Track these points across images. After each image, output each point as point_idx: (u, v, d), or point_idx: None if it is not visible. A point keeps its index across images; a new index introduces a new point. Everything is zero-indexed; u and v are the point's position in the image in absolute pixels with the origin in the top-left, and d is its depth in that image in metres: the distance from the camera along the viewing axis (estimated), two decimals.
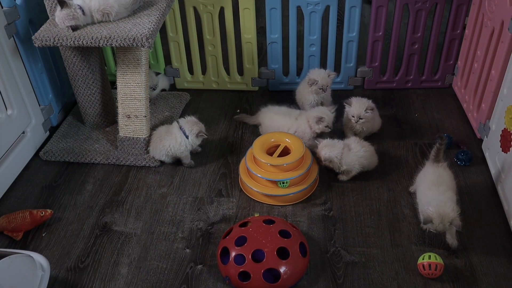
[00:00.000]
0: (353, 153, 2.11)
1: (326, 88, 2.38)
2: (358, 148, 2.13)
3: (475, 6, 2.42)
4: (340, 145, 2.12)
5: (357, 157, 2.12)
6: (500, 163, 2.07)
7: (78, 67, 2.30)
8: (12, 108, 2.23)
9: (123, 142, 2.31)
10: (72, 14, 2.01)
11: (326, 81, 2.37)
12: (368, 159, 2.15)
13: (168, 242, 1.96)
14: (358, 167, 2.13)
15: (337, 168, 2.13)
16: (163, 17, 2.19)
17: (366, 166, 2.16)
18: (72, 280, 1.83)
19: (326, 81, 2.37)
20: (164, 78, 2.74)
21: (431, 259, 1.76)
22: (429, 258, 1.76)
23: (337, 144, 2.13)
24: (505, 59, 2.07)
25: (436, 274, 1.75)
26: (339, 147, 2.12)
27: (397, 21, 2.52)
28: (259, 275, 1.68)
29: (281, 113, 2.37)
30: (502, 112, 2.06)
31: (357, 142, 2.16)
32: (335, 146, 2.12)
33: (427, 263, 1.75)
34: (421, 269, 1.77)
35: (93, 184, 2.23)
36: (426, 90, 2.74)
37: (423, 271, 1.76)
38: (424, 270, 1.76)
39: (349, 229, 1.97)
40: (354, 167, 2.13)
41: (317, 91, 2.38)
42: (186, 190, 2.18)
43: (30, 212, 1.97)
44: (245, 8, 2.51)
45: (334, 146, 2.12)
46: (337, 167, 2.13)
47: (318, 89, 2.37)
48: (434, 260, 1.75)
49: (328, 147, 2.11)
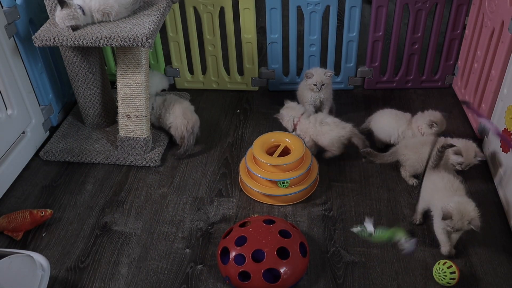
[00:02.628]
0: (330, 131, 2.21)
1: (320, 86, 2.36)
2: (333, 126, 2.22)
3: (475, 6, 2.42)
4: (300, 110, 2.31)
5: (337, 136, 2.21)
6: (500, 163, 2.07)
7: (78, 67, 2.30)
8: (12, 108, 2.23)
9: (123, 142, 2.31)
10: (72, 14, 2.01)
11: (321, 78, 2.36)
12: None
13: (168, 242, 1.96)
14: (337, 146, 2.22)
15: (290, 130, 2.30)
16: (163, 17, 2.19)
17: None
18: (72, 280, 1.83)
19: (321, 78, 2.35)
20: (164, 78, 2.74)
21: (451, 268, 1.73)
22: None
23: (297, 107, 2.32)
24: (505, 59, 2.07)
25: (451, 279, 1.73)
26: (298, 110, 2.30)
27: (397, 21, 2.52)
28: (259, 275, 1.68)
29: (393, 115, 2.31)
30: (502, 112, 2.06)
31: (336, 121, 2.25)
32: (295, 109, 2.31)
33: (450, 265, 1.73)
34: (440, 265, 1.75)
35: (93, 184, 2.23)
36: (426, 90, 2.74)
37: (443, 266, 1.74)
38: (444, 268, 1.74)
39: (349, 229, 1.97)
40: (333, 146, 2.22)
41: (311, 87, 2.37)
42: (186, 190, 2.18)
43: (30, 212, 1.97)
44: (245, 8, 2.51)
45: (294, 109, 2.31)
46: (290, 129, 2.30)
47: (313, 85, 2.36)
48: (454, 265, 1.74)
49: (288, 108, 2.31)
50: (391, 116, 2.29)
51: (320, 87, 2.36)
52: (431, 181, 1.89)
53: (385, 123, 2.29)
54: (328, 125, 2.23)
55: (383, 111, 2.33)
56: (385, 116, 2.30)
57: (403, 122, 2.25)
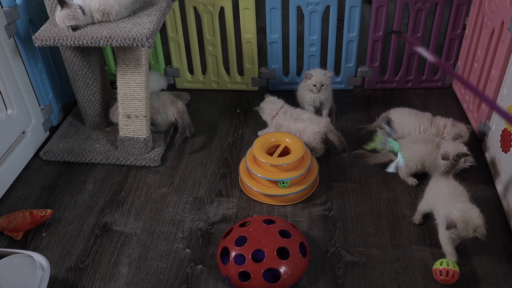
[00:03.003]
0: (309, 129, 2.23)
1: (320, 86, 2.36)
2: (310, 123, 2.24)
3: (475, 6, 2.42)
4: (279, 104, 2.34)
5: (313, 132, 2.21)
6: (500, 163, 2.07)
7: (78, 67, 2.30)
8: (12, 108, 2.23)
9: (123, 142, 2.31)
10: (72, 14, 2.01)
11: (321, 78, 2.36)
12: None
13: (168, 242, 1.96)
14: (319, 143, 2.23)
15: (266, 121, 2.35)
16: (163, 17, 2.19)
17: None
18: (72, 280, 1.83)
19: (321, 79, 2.36)
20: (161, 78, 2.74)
21: (449, 266, 1.72)
22: (447, 265, 1.72)
23: (276, 102, 2.35)
24: (505, 59, 2.07)
25: (450, 281, 1.73)
26: (277, 104, 2.34)
27: (397, 21, 2.52)
28: (259, 275, 1.68)
29: (413, 113, 2.30)
30: None
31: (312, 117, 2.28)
32: (275, 103, 2.34)
33: (444, 270, 1.72)
34: (436, 274, 1.74)
35: (93, 184, 2.23)
36: (426, 90, 2.74)
37: (438, 277, 1.73)
38: (440, 276, 1.73)
39: (349, 229, 1.97)
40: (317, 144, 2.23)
41: (311, 87, 2.37)
42: (186, 190, 2.18)
43: (30, 212, 1.97)
44: (245, 8, 2.51)
45: (274, 103, 2.34)
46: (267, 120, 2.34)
47: (312, 86, 2.36)
48: (452, 268, 1.72)
49: (268, 102, 2.34)
50: (412, 114, 2.28)
51: (319, 88, 2.36)
52: (436, 185, 1.89)
53: (405, 120, 2.27)
54: (303, 121, 2.26)
55: (403, 109, 2.32)
56: (405, 114, 2.29)
57: (425, 120, 2.26)
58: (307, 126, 2.24)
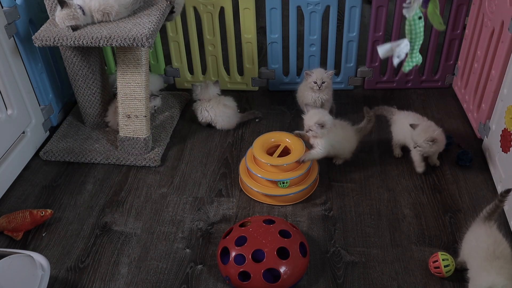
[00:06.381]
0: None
1: (321, 83, 2.35)
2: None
3: (475, 6, 2.42)
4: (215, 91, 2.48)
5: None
6: (500, 163, 2.07)
7: (78, 67, 2.30)
8: (12, 108, 2.23)
9: (123, 142, 2.31)
10: (72, 14, 2.01)
11: (321, 75, 2.35)
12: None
13: (168, 242, 1.96)
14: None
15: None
16: (163, 17, 2.19)
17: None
18: (72, 280, 1.83)
19: (322, 76, 2.35)
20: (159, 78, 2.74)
21: (445, 261, 1.73)
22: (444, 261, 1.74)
23: (212, 87, 2.46)
24: (505, 59, 2.07)
25: (443, 275, 1.74)
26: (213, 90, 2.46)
27: (397, 21, 2.52)
28: (259, 275, 1.68)
29: (416, 118, 2.25)
30: (502, 112, 2.06)
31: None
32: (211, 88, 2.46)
33: (439, 263, 1.73)
34: (430, 265, 1.76)
35: (93, 184, 2.23)
36: (426, 90, 2.74)
37: (433, 269, 1.75)
38: (434, 268, 1.75)
39: (349, 229, 1.97)
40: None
41: (312, 85, 2.36)
42: (186, 190, 2.18)
43: (30, 212, 1.97)
44: (245, 8, 2.51)
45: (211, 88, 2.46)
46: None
47: (313, 83, 2.36)
48: (450, 263, 1.74)
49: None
50: (415, 119, 2.23)
51: (320, 85, 2.34)
52: (475, 235, 1.64)
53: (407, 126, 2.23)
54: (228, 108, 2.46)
55: (407, 113, 2.29)
56: (409, 118, 2.24)
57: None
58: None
